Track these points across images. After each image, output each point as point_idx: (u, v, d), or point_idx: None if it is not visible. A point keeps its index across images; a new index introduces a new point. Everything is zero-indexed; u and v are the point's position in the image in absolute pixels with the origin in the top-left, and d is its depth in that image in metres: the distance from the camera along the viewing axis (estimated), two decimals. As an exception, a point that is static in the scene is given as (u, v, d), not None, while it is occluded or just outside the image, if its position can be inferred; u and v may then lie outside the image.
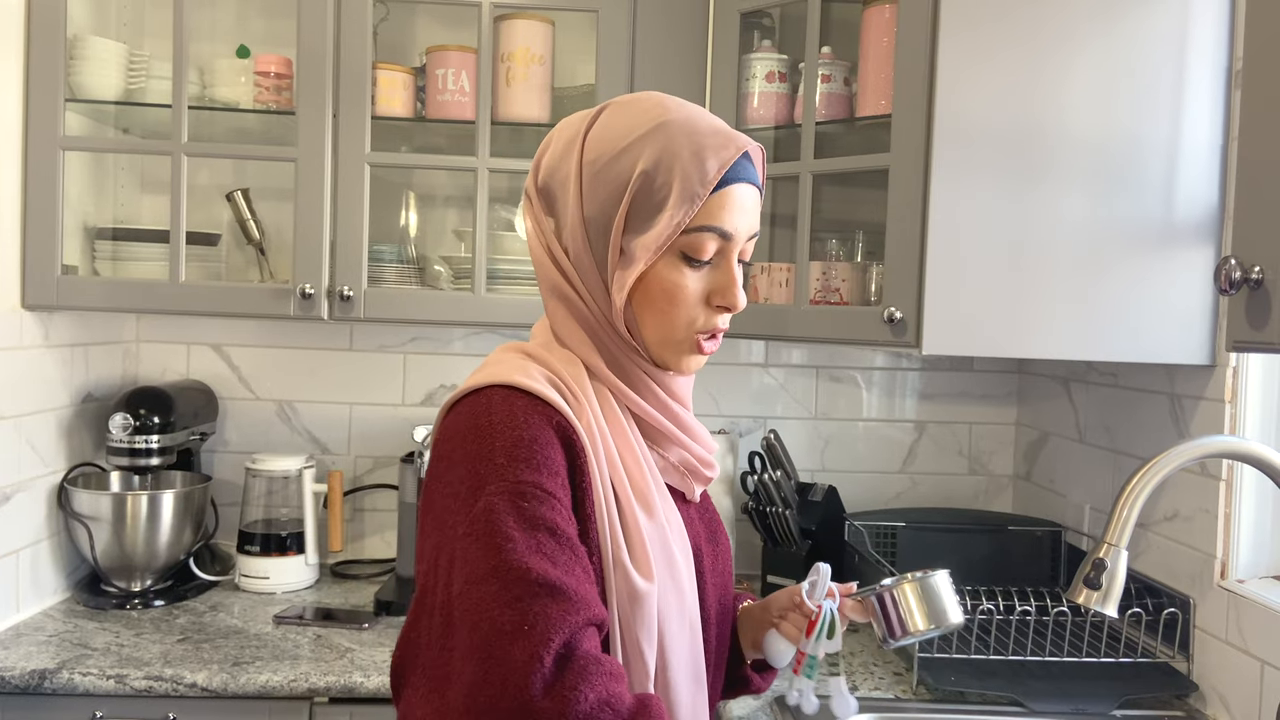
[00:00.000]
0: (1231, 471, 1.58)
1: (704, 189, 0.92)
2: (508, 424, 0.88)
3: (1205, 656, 1.61)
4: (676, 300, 0.95)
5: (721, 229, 0.94)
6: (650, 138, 0.94)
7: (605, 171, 0.94)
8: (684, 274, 0.95)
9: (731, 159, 0.94)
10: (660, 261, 0.94)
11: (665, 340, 0.97)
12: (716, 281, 0.96)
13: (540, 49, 1.93)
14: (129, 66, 1.95)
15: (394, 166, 2.07)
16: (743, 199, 0.95)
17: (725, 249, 0.96)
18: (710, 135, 0.94)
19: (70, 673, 1.60)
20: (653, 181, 0.93)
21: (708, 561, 1.05)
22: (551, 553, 0.83)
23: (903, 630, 1.06)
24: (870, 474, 2.33)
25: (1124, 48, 1.59)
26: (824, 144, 1.82)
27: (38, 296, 1.85)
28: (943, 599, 1.07)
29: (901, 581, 1.07)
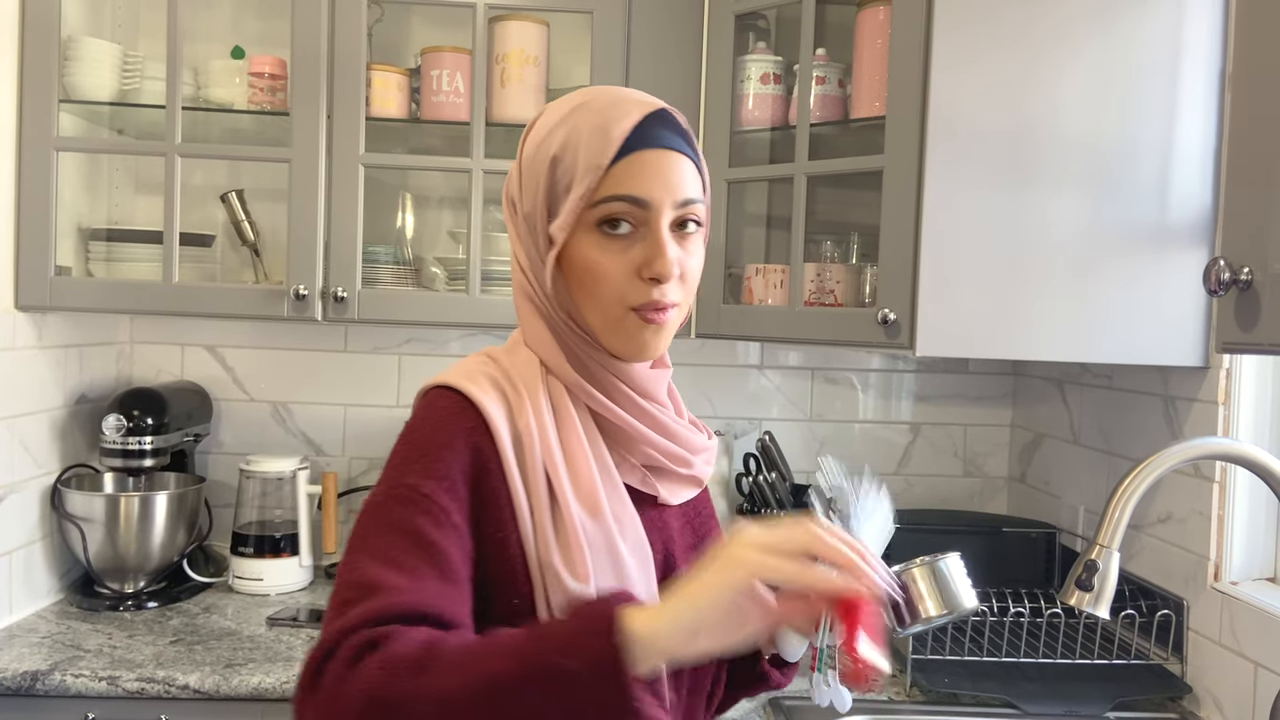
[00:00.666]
0: (1225, 473, 1.58)
1: (603, 158, 0.90)
2: (418, 429, 0.92)
3: (1199, 658, 1.61)
4: (598, 276, 0.92)
5: (631, 195, 0.91)
6: (562, 124, 0.94)
7: (529, 167, 0.96)
8: (604, 249, 0.92)
9: (631, 124, 0.91)
10: (580, 239, 0.93)
11: (604, 322, 0.95)
12: (643, 253, 0.92)
13: (535, 50, 1.93)
14: (123, 67, 1.95)
15: (388, 168, 2.07)
16: (657, 164, 0.92)
17: (647, 218, 0.92)
18: (615, 107, 0.93)
19: (63, 674, 1.59)
20: (560, 164, 0.93)
21: (684, 569, 0.99)
22: (397, 557, 0.84)
23: (913, 617, 0.99)
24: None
25: (1118, 50, 1.59)
26: (818, 146, 1.82)
27: (31, 297, 1.85)
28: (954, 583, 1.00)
29: (911, 566, 1.01)
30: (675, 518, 1.03)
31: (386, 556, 0.84)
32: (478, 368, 0.97)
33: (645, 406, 0.98)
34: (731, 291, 1.96)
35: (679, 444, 1.00)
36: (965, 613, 1.01)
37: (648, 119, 0.93)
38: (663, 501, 1.01)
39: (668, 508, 1.02)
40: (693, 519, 1.06)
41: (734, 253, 2.00)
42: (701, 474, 1.04)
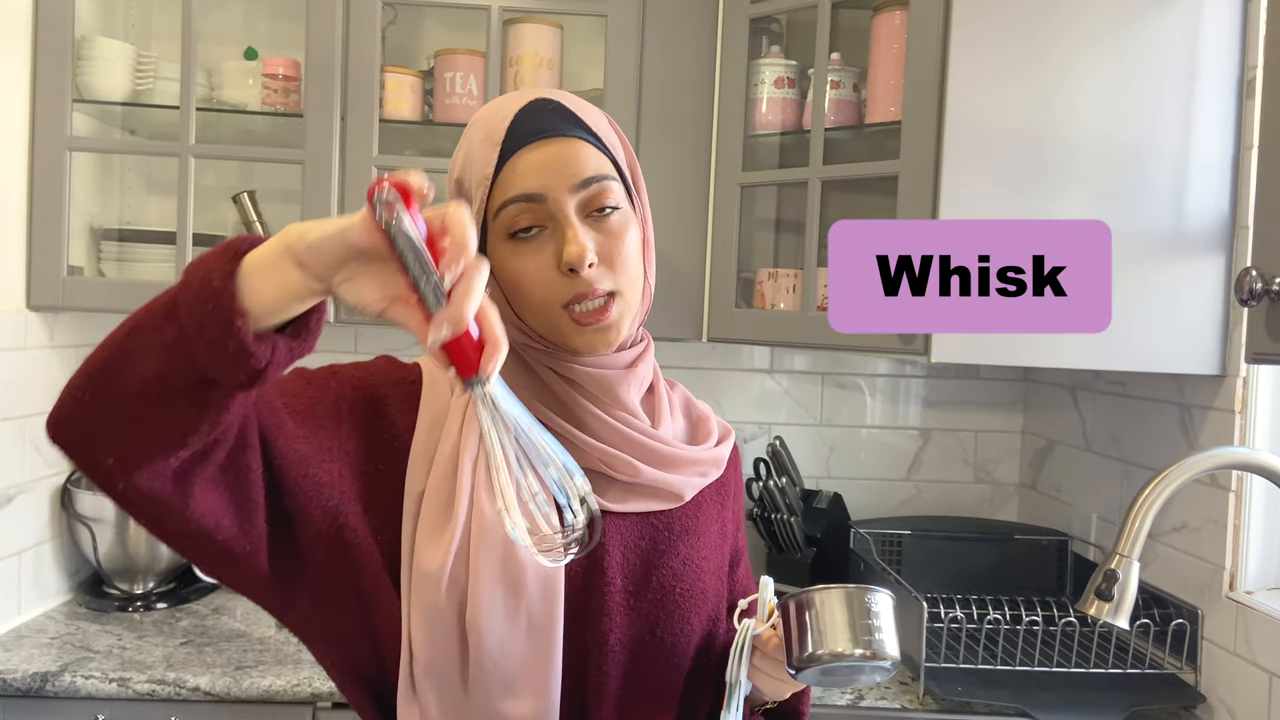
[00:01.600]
0: (1241, 483, 1.57)
1: (488, 167, 0.89)
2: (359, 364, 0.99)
3: (1213, 668, 1.60)
4: (521, 283, 0.90)
5: (521, 194, 0.88)
6: (460, 145, 0.94)
7: (449, 195, 0.95)
8: (519, 254, 0.90)
9: (504, 128, 0.89)
10: (496, 253, 0.91)
11: (545, 327, 0.92)
12: (555, 247, 0.89)
13: (549, 53, 1.93)
14: (136, 67, 1.95)
15: (402, 170, 2.06)
16: (543, 155, 0.89)
17: (550, 212, 0.89)
18: (494, 113, 0.91)
19: (72, 675, 1.59)
20: (463, 185, 0.92)
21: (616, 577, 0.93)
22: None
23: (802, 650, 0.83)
24: (875, 481, 2.32)
25: (1135, 56, 1.59)
26: (832, 150, 1.81)
27: (43, 297, 1.85)
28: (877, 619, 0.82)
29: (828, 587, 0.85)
30: (626, 526, 0.95)
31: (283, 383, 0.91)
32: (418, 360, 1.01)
33: (593, 410, 0.93)
34: (744, 295, 1.96)
35: (629, 450, 0.93)
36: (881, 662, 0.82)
37: (524, 114, 0.90)
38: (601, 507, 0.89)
39: (613, 514, 0.94)
40: (656, 531, 0.97)
41: (745, 256, 1.99)
42: (666, 485, 0.96)
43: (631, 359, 0.97)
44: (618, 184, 0.92)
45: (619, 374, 0.95)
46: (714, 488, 1.03)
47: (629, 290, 0.92)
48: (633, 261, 0.92)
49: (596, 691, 0.91)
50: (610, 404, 0.94)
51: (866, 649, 0.79)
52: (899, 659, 0.83)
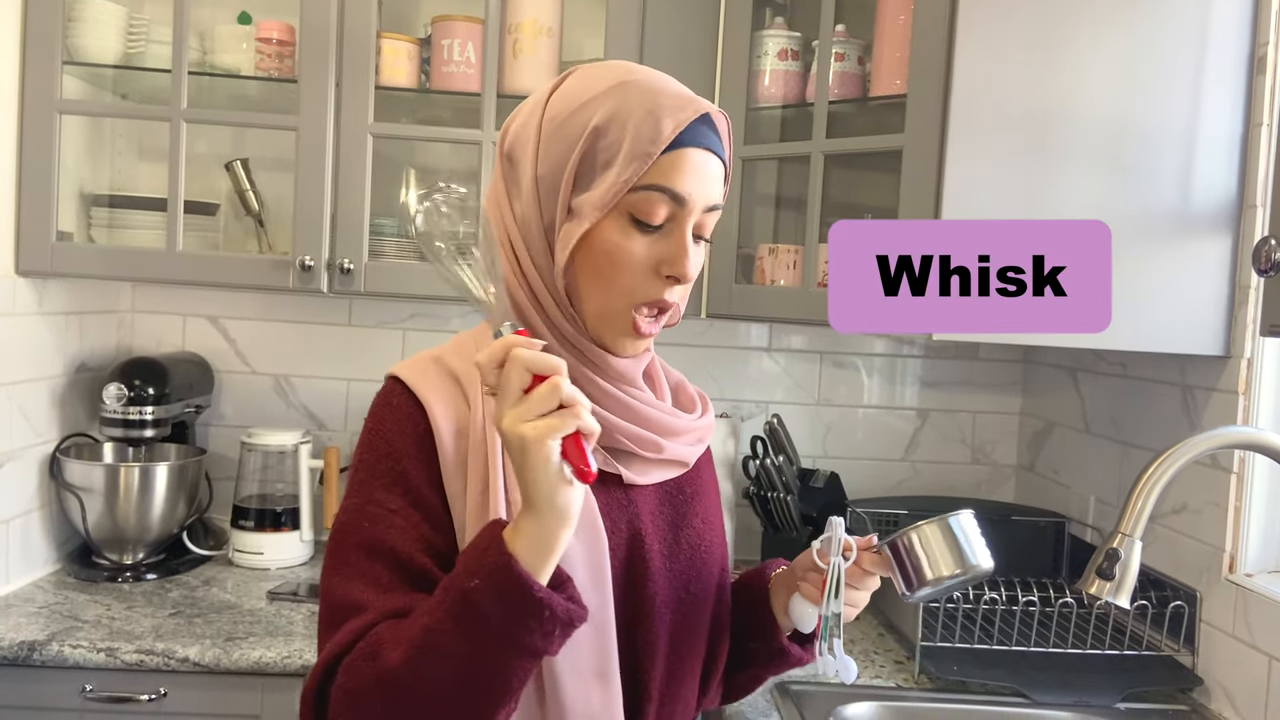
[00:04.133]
0: (1242, 464, 1.56)
1: (654, 147, 0.88)
2: (376, 431, 0.94)
3: (1211, 650, 1.59)
4: (619, 263, 0.90)
5: (673, 190, 0.90)
6: (607, 95, 0.91)
7: (560, 129, 0.91)
8: (631, 237, 0.90)
9: (687, 120, 0.90)
10: (607, 222, 0.90)
11: (604, 311, 0.93)
12: (666, 250, 0.91)
13: (549, 21, 1.90)
14: (128, 30, 1.91)
15: (397, 138, 2.03)
16: (700, 164, 0.91)
17: (678, 215, 0.91)
18: (668, 96, 0.91)
19: (60, 645, 1.57)
20: (604, 137, 0.90)
21: (654, 544, 1.00)
22: (377, 577, 0.88)
23: (920, 580, 0.95)
24: (872, 461, 2.31)
25: (1145, 31, 1.56)
26: (836, 124, 1.79)
27: (32, 263, 1.82)
28: (968, 541, 0.95)
29: (919, 525, 0.97)
30: (649, 496, 1.02)
31: (366, 575, 0.88)
32: (433, 358, 0.97)
33: (611, 390, 0.96)
34: (743, 271, 1.93)
35: (649, 428, 0.98)
36: (980, 573, 0.96)
37: (706, 117, 0.93)
38: (629, 482, 0.99)
39: (639, 487, 1.00)
40: (674, 496, 1.04)
41: (745, 232, 1.97)
42: (679, 455, 1.01)
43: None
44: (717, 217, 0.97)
45: (634, 361, 0.99)
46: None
47: (680, 309, 0.97)
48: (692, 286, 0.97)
49: (648, 654, 0.98)
50: (624, 383, 0.98)
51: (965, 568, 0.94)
52: (990, 567, 0.97)
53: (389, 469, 0.91)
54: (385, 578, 0.88)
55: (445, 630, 0.79)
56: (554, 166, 0.92)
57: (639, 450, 0.98)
